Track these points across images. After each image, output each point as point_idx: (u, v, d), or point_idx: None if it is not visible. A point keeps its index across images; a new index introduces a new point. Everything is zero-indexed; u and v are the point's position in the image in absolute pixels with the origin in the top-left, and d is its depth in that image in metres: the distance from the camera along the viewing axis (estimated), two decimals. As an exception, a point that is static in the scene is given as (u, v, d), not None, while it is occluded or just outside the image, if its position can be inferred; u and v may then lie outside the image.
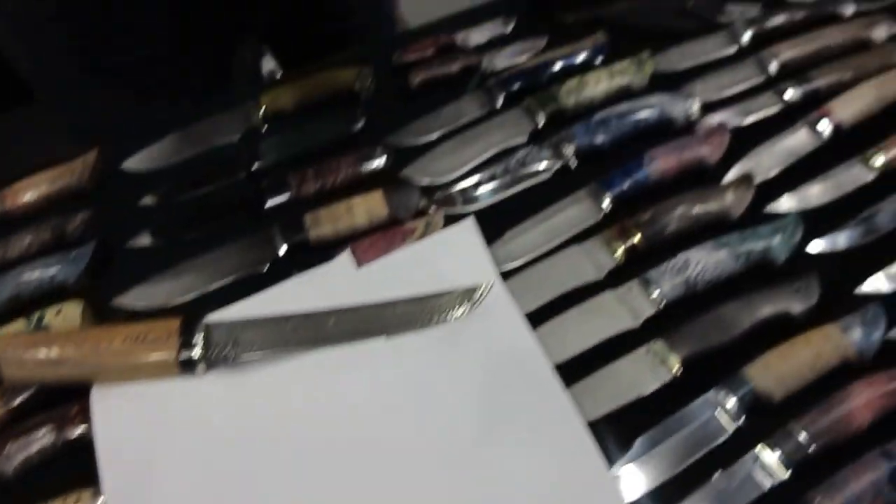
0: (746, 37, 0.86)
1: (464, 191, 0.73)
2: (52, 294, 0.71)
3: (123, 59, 0.91)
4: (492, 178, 0.73)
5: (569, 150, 0.74)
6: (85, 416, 0.61)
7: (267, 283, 0.68)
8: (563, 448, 0.56)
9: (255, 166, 0.78)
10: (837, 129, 0.75)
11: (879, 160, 0.72)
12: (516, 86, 0.82)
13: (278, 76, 1.45)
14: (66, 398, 0.62)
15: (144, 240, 0.75)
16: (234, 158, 0.80)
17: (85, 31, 0.86)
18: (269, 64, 1.47)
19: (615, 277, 0.65)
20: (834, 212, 0.70)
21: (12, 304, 0.70)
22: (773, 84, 0.81)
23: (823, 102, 0.77)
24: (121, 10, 0.86)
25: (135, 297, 0.70)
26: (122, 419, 0.61)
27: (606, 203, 0.69)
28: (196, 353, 0.61)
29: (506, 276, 0.66)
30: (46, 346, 0.62)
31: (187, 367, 0.61)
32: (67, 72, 0.92)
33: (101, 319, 0.69)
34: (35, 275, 0.71)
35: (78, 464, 0.59)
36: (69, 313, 0.67)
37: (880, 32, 0.85)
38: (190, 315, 0.64)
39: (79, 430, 0.61)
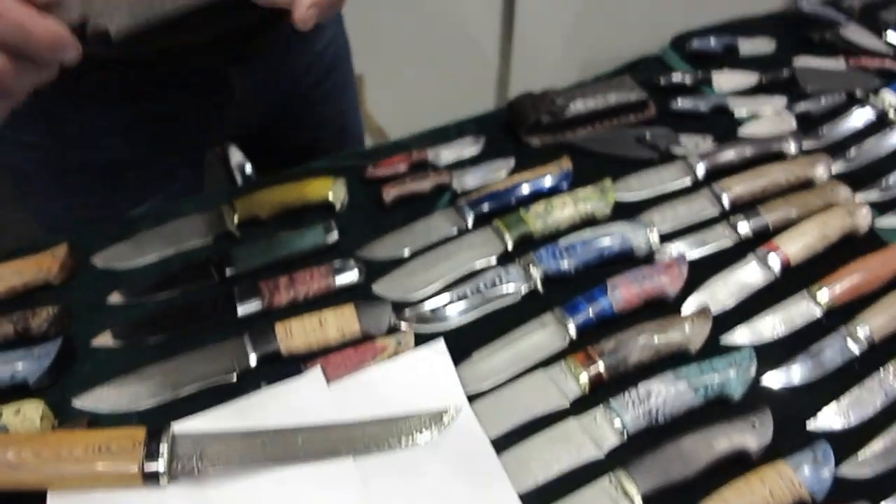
0: (700, 169, 0.91)
1: (434, 309, 0.75)
2: (11, 391, 0.70)
3: (96, 157, 0.92)
4: (462, 298, 0.75)
5: (536, 273, 0.77)
6: (39, 523, 0.59)
7: (236, 393, 0.68)
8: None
9: (228, 272, 0.79)
10: (786, 264, 0.80)
11: (825, 296, 0.77)
12: (486, 206, 0.85)
13: (248, 170, 1.47)
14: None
15: (109, 339, 0.74)
16: (207, 262, 0.80)
17: (58, 131, 0.87)
18: (236, 156, 1.50)
19: (580, 405, 0.67)
20: (786, 345, 0.74)
21: (-31, 398, 0.69)
22: (726, 217, 0.86)
23: (772, 237, 0.82)
24: (95, 113, 0.87)
25: (97, 400, 0.69)
26: (78, 529, 0.59)
27: (572, 329, 0.72)
28: (161, 465, 0.60)
29: (473, 398, 0.67)
30: (3, 448, 0.61)
31: (151, 479, 0.60)
32: (39, 168, 0.92)
33: (62, 420, 0.67)
34: (-5, 370, 0.69)
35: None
36: (28, 413, 0.66)
37: (821, 172, 0.91)
38: (155, 424, 0.63)
39: (32, 539, 0.59)
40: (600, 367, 0.68)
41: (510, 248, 0.81)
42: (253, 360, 0.70)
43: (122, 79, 0.84)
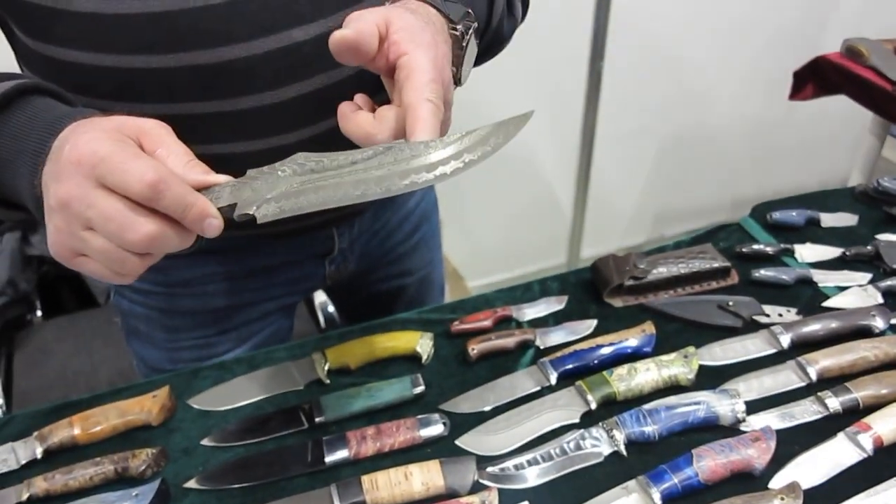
0: (786, 340, 0.91)
1: (518, 467, 0.75)
2: (107, 530, 0.72)
3: (199, 304, 0.98)
4: (545, 458, 0.76)
5: (619, 436, 0.77)
6: None
7: (320, 544, 0.69)
8: None
9: (318, 419, 0.82)
10: (878, 445, 0.78)
11: (920, 480, 0.74)
12: (569, 365, 0.87)
13: (330, 309, 1.53)
14: None
15: (202, 482, 0.77)
16: (297, 408, 0.83)
17: (167, 279, 0.94)
18: (320, 296, 1.56)
19: (666, 581, 0.65)
20: (881, 532, 0.71)
21: (67, 538, 0.71)
22: (814, 390, 0.85)
23: (863, 415, 0.81)
24: (201, 264, 0.94)
25: (186, 544, 0.71)
26: None
27: (657, 497, 0.71)
28: None
29: (555, 565, 0.67)
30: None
31: None
32: (147, 311, 0.98)
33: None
34: (95, 510, 0.72)
35: None
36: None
37: (911, 351, 0.90)
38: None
39: None
40: (687, 541, 0.66)
41: (593, 408, 0.82)
42: (339, 510, 0.71)
43: (231, 236, 0.91)
